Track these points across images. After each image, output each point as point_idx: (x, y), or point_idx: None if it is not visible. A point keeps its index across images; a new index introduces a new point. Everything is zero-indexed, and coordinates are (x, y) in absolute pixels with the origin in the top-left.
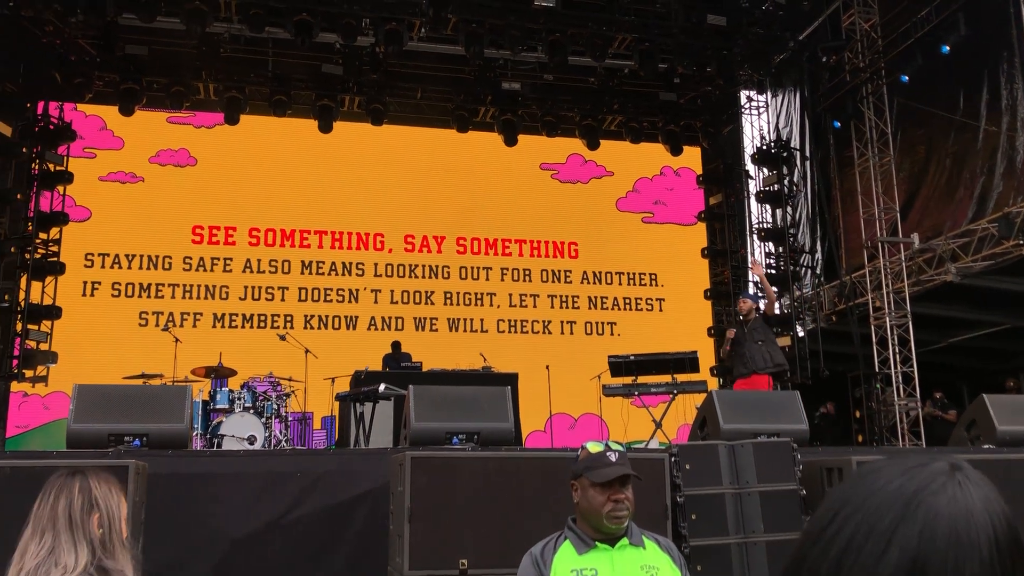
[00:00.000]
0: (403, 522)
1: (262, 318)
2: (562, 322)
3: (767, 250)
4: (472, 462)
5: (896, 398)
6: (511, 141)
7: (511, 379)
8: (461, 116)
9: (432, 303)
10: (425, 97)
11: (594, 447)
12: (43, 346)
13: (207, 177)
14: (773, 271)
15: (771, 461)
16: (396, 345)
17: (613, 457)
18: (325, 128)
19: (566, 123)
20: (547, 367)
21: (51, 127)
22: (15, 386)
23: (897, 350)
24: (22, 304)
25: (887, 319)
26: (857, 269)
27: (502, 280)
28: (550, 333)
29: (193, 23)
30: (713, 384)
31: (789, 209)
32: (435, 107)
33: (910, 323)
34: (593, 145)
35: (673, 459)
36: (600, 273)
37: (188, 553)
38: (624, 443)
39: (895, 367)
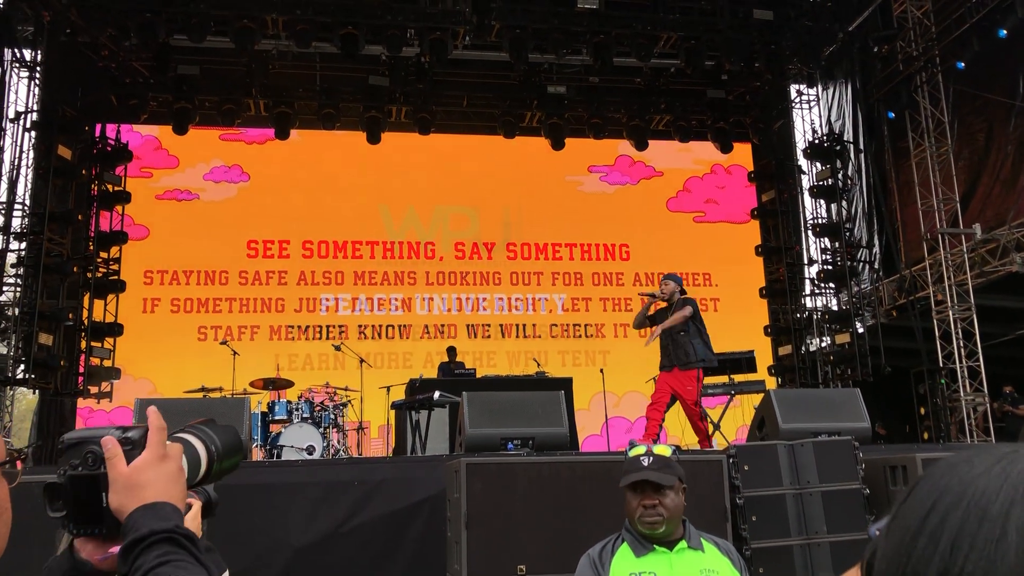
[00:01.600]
0: (460, 528)
1: (317, 329)
2: (615, 325)
3: (823, 246)
4: (527, 467)
5: (962, 394)
6: (558, 145)
7: (565, 384)
8: (508, 122)
9: (485, 310)
10: (471, 104)
11: (634, 451)
12: (106, 363)
13: (260, 192)
14: (830, 267)
15: (832, 460)
16: (451, 351)
17: (646, 461)
18: (373, 139)
19: (613, 124)
20: (601, 370)
21: (108, 148)
22: (81, 402)
23: (962, 344)
24: (85, 322)
25: (950, 312)
26: (917, 262)
27: (553, 284)
28: (603, 336)
29: (242, 41)
30: (771, 384)
31: (844, 203)
32: (481, 114)
33: (974, 316)
34: (641, 146)
35: (732, 460)
36: (652, 274)
37: (252, 562)
38: (673, 446)
39: (960, 362)
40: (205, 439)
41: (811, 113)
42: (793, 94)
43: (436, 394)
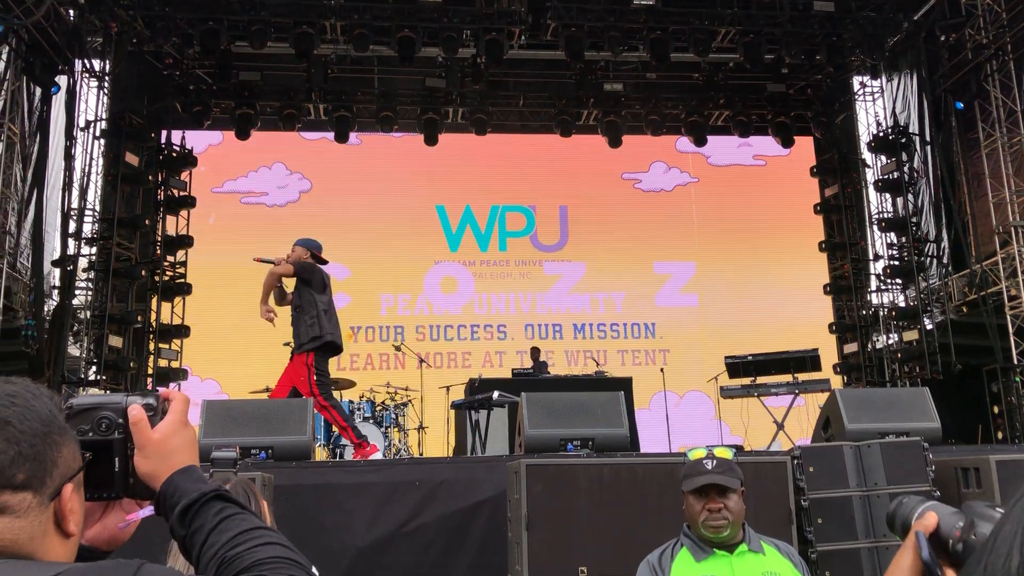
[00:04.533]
0: (521, 529)
1: (378, 329)
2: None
3: (889, 240)
4: (588, 469)
5: None
6: (615, 142)
7: (625, 384)
8: (564, 120)
9: (542, 309)
10: (527, 104)
11: (695, 454)
12: (174, 364)
13: (320, 194)
14: (896, 262)
15: (900, 462)
16: (535, 352)
17: (709, 464)
18: (431, 141)
19: (671, 121)
20: (661, 370)
21: (174, 154)
22: None
23: None
24: (153, 324)
25: None
26: (988, 257)
27: (612, 283)
28: (662, 337)
29: (302, 47)
30: (837, 383)
31: (910, 197)
32: (538, 113)
33: None
34: (700, 141)
35: (796, 462)
36: (714, 273)
37: (316, 562)
38: (734, 448)
39: None
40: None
41: (875, 105)
42: (856, 86)
43: (495, 394)
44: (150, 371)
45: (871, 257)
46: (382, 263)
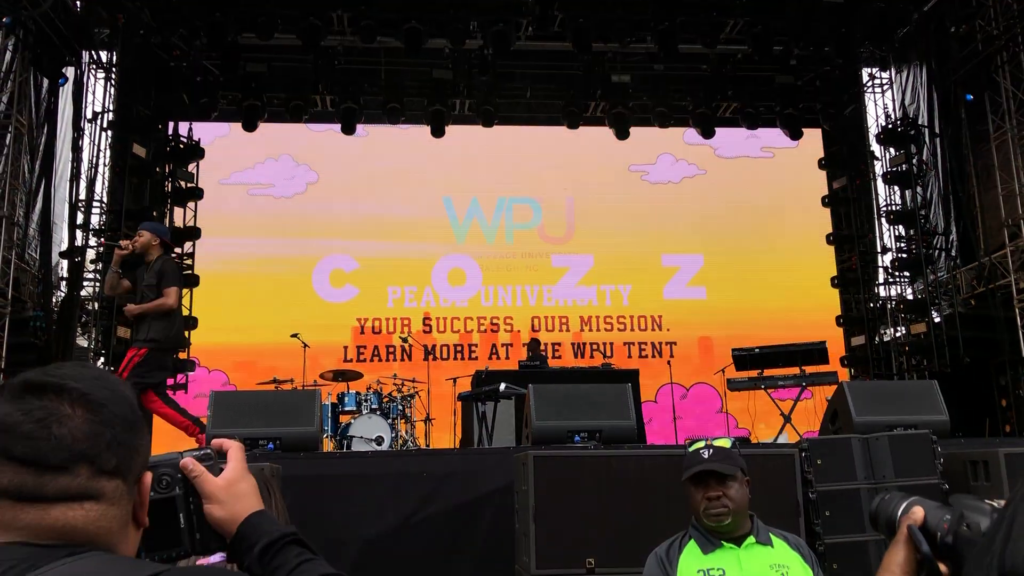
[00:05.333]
0: (528, 521)
1: (390, 322)
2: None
3: (897, 233)
4: (595, 461)
5: None
6: (623, 134)
7: (631, 376)
8: (571, 112)
9: (549, 301)
10: (534, 96)
11: (695, 446)
12: (181, 355)
13: (327, 186)
14: (904, 255)
15: (909, 454)
16: (534, 343)
17: (706, 454)
18: (437, 132)
19: (679, 113)
20: (668, 362)
21: (181, 146)
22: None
23: None
24: None
25: None
26: (997, 249)
27: (618, 275)
28: (669, 329)
29: (308, 38)
30: (844, 375)
31: (919, 189)
32: (545, 105)
33: None
34: (708, 134)
35: (804, 454)
36: (721, 264)
37: (323, 552)
38: (733, 439)
39: None
40: None
41: (884, 97)
42: (865, 78)
43: (502, 386)
44: None
45: (879, 250)
46: (389, 255)
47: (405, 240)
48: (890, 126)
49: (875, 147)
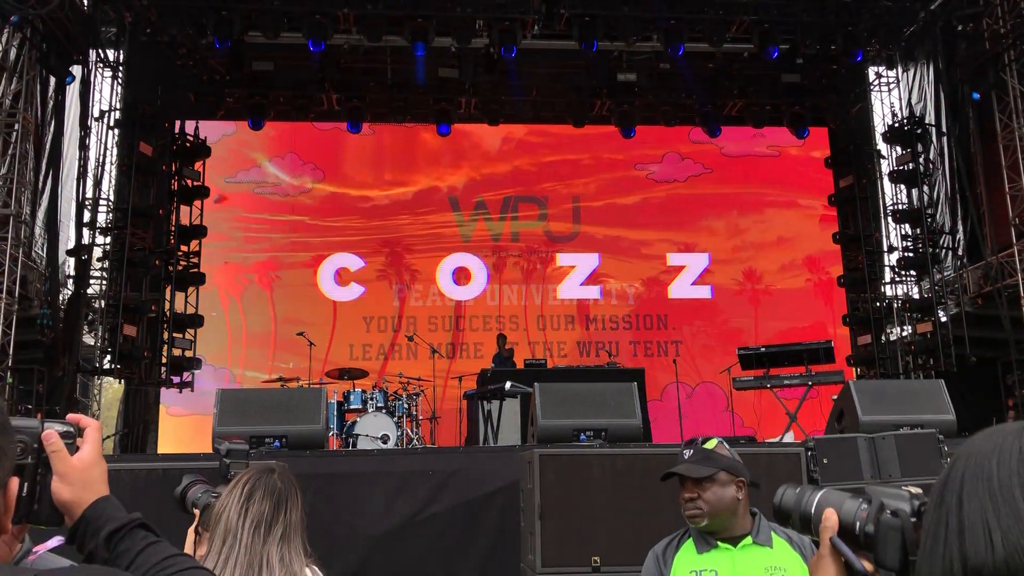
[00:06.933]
0: (534, 519)
1: (396, 320)
2: (688, 314)
3: (903, 232)
4: (601, 459)
5: None
6: (628, 133)
7: (637, 375)
8: (577, 110)
9: (555, 299)
10: (540, 94)
11: (684, 446)
12: (188, 353)
13: (333, 185)
14: (911, 254)
15: (915, 453)
16: (501, 339)
17: (687, 455)
18: (443, 131)
19: (684, 111)
20: (674, 361)
21: (187, 145)
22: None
23: None
24: (167, 314)
25: None
26: (1004, 248)
27: (624, 274)
28: (675, 328)
29: (315, 36)
30: (850, 375)
31: (926, 188)
32: (550, 103)
33: None
34: (713, 132)
35: (810, 453)
36: (727, 261)
37: (329, 551)
38: (720, 438)
39: None
40: None
41: (890, 96)
42: (871, 77)
43: (508, 384)
44: (164, 360)
45: (885, 249)
46: (395, 253)
47: (411, 238)
48: (896, 125)
49: (881, 146)
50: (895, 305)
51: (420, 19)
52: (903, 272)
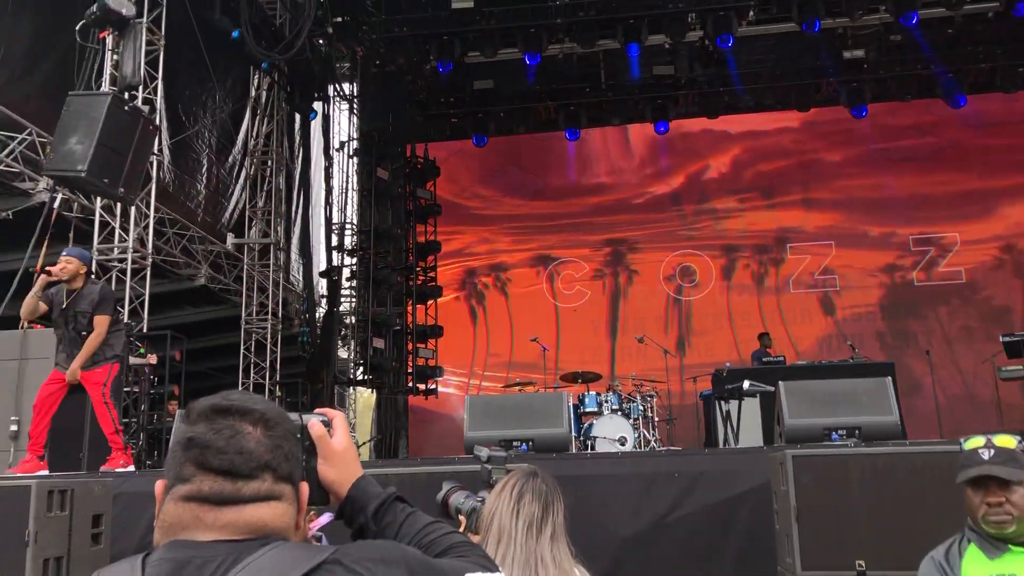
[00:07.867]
0: (790, 521)
1: (619, 322)
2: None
3: None
4: (859, 459)
5: None
6: (859, 113)
7: (887, 368)
8: (801, 95)
9: (789, 292)
10: (760, 81)
11: (971, 443)
12: (431, 362)
13: (550, 196)
14: None
15: None
16: (763, 337)
17: (986, 455)
18: (661, 129)
19: (921, 83)
20: (927, 352)
21: (419, 166)
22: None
23: None
24: (410, 326)
25: None
26: None
27: (861, 265)
28: (926, 317)
29: (531, 49)
30: None
31: None
32: (771, 89)
33: None
34: (956, 104)
35: None
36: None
37: (583, 553)
38: (1019, 436)
39: None
40: None
41: None
42: None
43: (746, 383)
44: (410, 369)
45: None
46: (623, 256)
47: (638, 237)
48: None
49: None
50: None
51: (632, 19)
52: None
